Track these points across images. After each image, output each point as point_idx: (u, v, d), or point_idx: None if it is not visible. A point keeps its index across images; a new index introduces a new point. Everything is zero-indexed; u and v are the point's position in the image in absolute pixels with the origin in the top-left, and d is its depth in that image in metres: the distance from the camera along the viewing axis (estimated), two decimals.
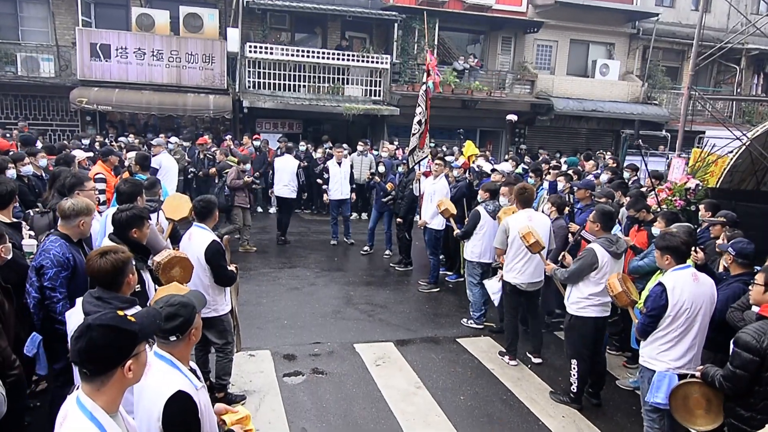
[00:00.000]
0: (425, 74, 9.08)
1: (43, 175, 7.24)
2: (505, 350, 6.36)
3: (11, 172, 6.25)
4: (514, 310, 6.32)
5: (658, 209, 7.18)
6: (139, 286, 3.71)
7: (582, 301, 5.10)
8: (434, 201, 8.40)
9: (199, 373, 2.65)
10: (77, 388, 2.09)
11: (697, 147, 10.32)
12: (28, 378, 3.73)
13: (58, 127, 15.22)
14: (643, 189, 8.32)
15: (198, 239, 4.80)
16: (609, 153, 15.86)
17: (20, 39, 14.80)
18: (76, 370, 3.17)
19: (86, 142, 11.02)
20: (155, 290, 4.21)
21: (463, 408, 5.29)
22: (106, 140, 12.11)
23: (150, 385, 2.45)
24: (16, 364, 3.30)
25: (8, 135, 10.36)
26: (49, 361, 3.81)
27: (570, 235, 6.65)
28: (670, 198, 8.08)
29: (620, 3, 19.10)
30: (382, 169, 9.88)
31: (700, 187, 7.74)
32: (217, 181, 10.58)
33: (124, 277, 3.18)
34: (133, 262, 3.46)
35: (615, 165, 10.52)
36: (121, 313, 2.19)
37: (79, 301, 3.15)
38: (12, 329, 3.43)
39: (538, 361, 6.33)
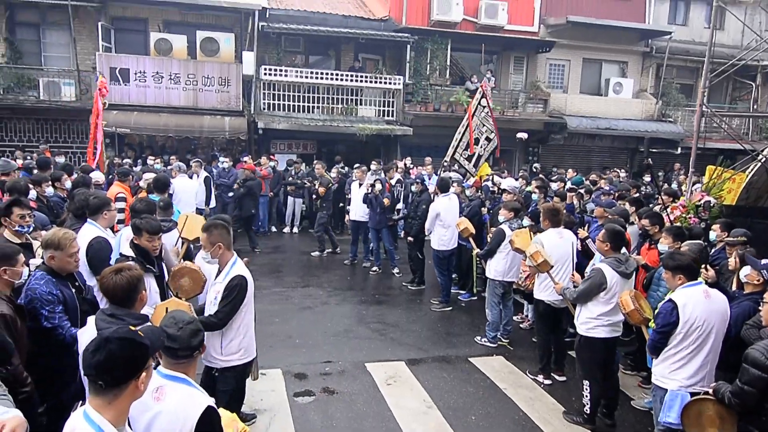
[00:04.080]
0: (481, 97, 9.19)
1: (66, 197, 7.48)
2: (538, 370, 6.33)
3: (32, 194, 6.43)
4: (547, 329, 6.31)
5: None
6: None
7: (591, 321, 5.06)
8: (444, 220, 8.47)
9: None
10: (81, 404, 2.14)
11: None
12: (42, 396, 3.77)
13: (78, 149, 15.51)
14: (657, 207, 8.29)
15: None
16: (623, 171, 15.82)
17: (42, 64, 15.21)
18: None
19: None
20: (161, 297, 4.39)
21: (474, 428, 5.25)
22: (126, 161, 12.35)
23: (171, 409, 2.46)
24: (28, 381, 3.35)
25: (29, 158, 10.63)
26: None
27: (579, 243, 6.66)
28: (684, 216, 8.03)
29: (633, 22, 19.15)
30: (379, 186, 9.94)
31: (713, 205, 7.67)
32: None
33: (137, 293, 3.27)
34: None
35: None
36: (133, 328, 2.27)
37: (91, 319, 3.21)
38: (24, 347, 3.48)
39: (562, 378, 6.30)
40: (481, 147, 9.25)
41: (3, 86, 14.45)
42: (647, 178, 14.45)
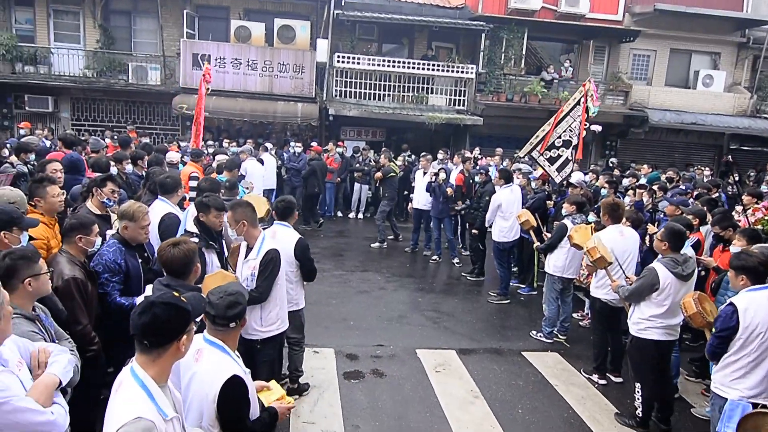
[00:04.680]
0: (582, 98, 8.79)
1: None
2: (593, 369, 6.18)
3: (113, 170, 6.93)
4: (603, 327, 6.15)
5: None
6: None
7: (642, 322, 4.87)
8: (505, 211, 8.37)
9: (241, 359, 2.83)
10: (131, 361, 2.33)
11: None
12: (110, 356, 4.06)
13: (162, 131, 16.47)
14: (740, 208, 7.79)
15: (284, 237, 4.99)
16: (707, 169, 14.90)
17: (132, 50, 16.21)
18: None
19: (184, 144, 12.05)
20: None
21: (519, 421, 5.21)
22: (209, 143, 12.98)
23: (204, 370, 2.67)
24: (95, 341, 3.65)
25: (115, 137, 11.39)
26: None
27: (647, 240, 6.42)
28: (766, 218, 7.50)
29: (728, 10, 17.87)
30: (443, 175, 9.86)
31: None
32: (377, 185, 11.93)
33: (192, 266, 3.48)
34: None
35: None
36: (176, 294, 2.45)
37: (149, 288, 3.45)
38: (94, 310, 3.79)
39: (618, 380, 6.11)
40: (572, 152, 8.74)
41: (97, 70, 15.53)
42: (736, 177, 13.55)
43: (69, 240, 3.90)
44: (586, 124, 8.77)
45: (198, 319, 3.06)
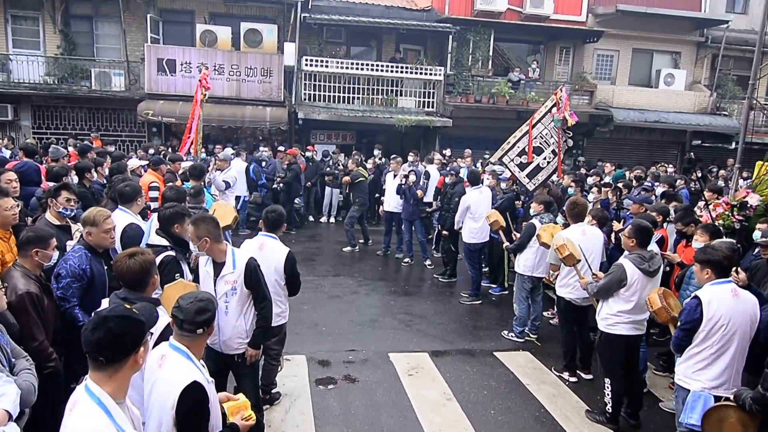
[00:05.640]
0: (552, 105, 8.80)
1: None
2: (563, 367, 6.24)
3: (75, 179, 6.75)
4: (569, 325, 6.21)
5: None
6: (179, 276, 4.06)
7: (611, 317, 4.95)
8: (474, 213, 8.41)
9: (206, 368, 2.77)
10: (85, 379, 2.25)
11: None
12: (72, 371, 3.94)
13: (127, 138, 16.13)
14: (702, 204, 7.97)
15: (273, 249, 4.86)
16: (671, 166, 15.25)
17: (95, 55, 15.83)
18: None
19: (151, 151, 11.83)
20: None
21: (492, 422, 5.22)
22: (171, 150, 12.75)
23: (165, 376, 2.62)
24: (53, 357, 3.53)
25: (77, 145, 11.10)
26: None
27: (613, 237, 6.53)
28: (727, 213, 7.68)
29: (687, 10, 18.36)
30: (413, 177, 9.87)
31: (750, 205, 7.25)
32: (347, 190, 11.79)
33: (150, 278, 3.37)
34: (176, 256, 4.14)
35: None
36: (128, 306, 2.38)
37: (105, 302, 3.35)
38: (51, 324, 3.66)
39: (588, 376, 6.18)
40: (545, 159, 8.73)
41: (58, 77, 15.12)
42: (699, 173, 13.88)
43: (24, 253, 3.78)
44: (562, 143, 8.85)
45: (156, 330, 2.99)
